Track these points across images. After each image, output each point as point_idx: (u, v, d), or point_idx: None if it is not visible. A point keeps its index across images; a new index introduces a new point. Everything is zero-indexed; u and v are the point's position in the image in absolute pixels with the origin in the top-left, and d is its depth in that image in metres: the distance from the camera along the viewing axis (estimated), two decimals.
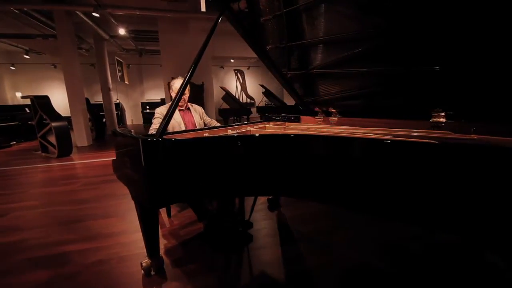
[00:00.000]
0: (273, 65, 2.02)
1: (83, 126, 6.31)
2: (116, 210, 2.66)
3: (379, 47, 1.79)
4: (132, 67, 11.39)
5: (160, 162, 1.09)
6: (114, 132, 1.47)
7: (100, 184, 3.48)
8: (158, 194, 1.13)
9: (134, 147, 1.16)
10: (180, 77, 2.35)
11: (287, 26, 2.05)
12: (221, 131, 2.07)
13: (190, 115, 2.45)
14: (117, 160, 1.53)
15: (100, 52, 8.20)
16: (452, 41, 1.39)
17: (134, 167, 1.25)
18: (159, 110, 2.29)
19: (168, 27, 6.22)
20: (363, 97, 2.09)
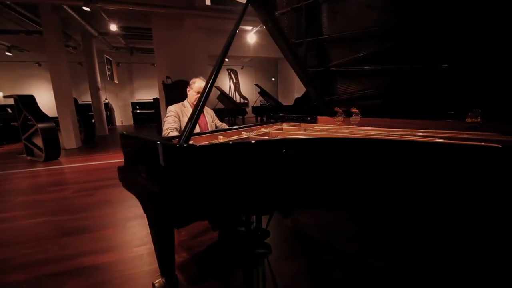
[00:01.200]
0: (297, 61, 1.87)
1: (72, 128, 5.96)
2: (114, 219, 2.43)
3: (404, 45, 1.68)
4: (122, 66, 10.98)
5: (189, 172, 0.91)
6: (123, 135, 1.27)
7: (94, 191, 3.22)
8: (185, 210, 0.95)
9: (154, 154, 0.97)
10: (200, 78, 2.25)
11: (306, 21, 1.91)
12: (235, 134, 1.89)
13: (203, 116, 2.30)
14: (126, 168, 1.32)
15: (89, 50, 7.82)
16: (485, 37, 1.29)
17: (152, 177, 1.06)
18: (173, 109, 2.13)
19: (162, 24, 5.96)
20: (384, 96, 1.98)
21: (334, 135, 1.49)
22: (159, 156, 0.95)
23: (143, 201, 1.24)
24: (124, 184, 1.46)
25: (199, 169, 0.91)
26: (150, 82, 11.73)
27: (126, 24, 6.74)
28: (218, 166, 0.91)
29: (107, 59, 8.91)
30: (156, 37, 6.07)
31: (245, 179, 0.94)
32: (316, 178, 0.99)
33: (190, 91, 2.21)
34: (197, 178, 0.91)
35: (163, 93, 6.05)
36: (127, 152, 1.28)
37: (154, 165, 1.03)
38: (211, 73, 1.15)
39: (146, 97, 11.87)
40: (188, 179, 0.92)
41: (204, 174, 0.91)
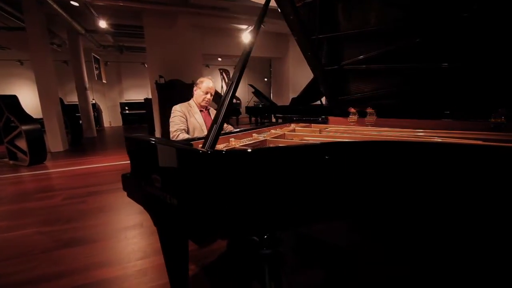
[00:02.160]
0: (316, 58, 1.76)
1: (58, 129, 5.65)
2: (110, 229, 2.25)
3: (423, 43, 1.61)
4: (110, 65, 10.59)
5: (218, 182, 0.78)
6: (131, 139, 1.12)
7: (86, 197, 3.01)
8: (211, 226, 0.81)
9: (173, 161, 0.84)
10: (208, 77, 2.13)
11: (320, 16, 1.81)
12: (245, 136, 1.77)
13: (209, 117, 2.17)
14: (134, 177, 1.18)
15: (75, 48, 7.47)
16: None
17: (170, 187, 0.93)
18: (179, 109, 2.01)
19: (154, 22, 5.75)
20: (400, 95, 1.91)
21: (363, 137, 1.38)
22: (181, 164, 0.82)
23: (156, 213, 1.10)
24: (130, 194, 1.31)
25: (230, 179, 0.78)
26: (140, 82, 11.39)
27: (116, 21, 6.46)
28: (253, 174, 0.79)
29: (94, 57, 8.55)
30: (148, 35, 5.85)
31: (282, 189, 0.82)
32: (361, 186, 0.88)
33: (197, 90, 2.08)
34: (228, 188, 0.78)
35: (156, 93, 5.83)
36: (135, 158, 1.13)
37: (173, 174, 0.90)
38: (234, 76, 1.02)
39: (136, 97, 11.52)
40: (217, 190, 0.79)
41: (237, 184, 0.79)
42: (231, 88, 0.96)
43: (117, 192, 3.17)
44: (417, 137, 1.36)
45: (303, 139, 1.60)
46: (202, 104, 2.09)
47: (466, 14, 1.32)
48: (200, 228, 0.85)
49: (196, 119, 2.04)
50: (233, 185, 0.79)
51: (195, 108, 2.07)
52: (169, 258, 1.21)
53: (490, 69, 1.46)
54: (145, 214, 2.50)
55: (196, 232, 0.89)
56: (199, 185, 0.81)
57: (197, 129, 2.03)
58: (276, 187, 0.82)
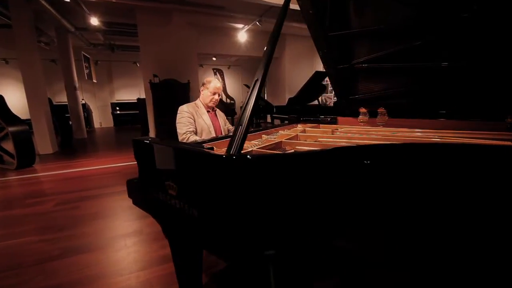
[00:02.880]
0: (332, 56, 1.69)
1: (47, 131, 5.41)
2: (106, 237, 2.12)
3: (434, 41, 1.57)
4: (101, 64, 10.29)
5: (249, 191, 0.69)
6: (140, 143, 1.02)
7: (79, 203, 2.85)
8: (238, 239, 0.73)
9: (194, 168, 0.75)
10: (215, 78, 2.01)
11: (330, 12, 1.74)
12: (255, 137, 1.69)
13: (216, 119, 2.09)
14: (142, 184, 1.07)
15: (64, 46, 7.21)
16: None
17: (189, 196, 0.83)
18: (186, 109, 1.92)
19: (148, 20, 5.58)
20: (412, 95, 1.86)
21: (386, 138, 1.31)
22: (204, 171, 0.73)
23: (168, 224, 1.00)
24: (136, 202, 1.20)
25: (263, 186, 0.70)
26: (131, 82, 11.12)
27: (108, 19, 6.25)
28: (288, 182, 0.71)
29: (84, 56, 8.27)
30: (141, 34, 5.68)
31: (318, 197, 0.74)
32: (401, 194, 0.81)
33: (204, 91, 2.00)
34: (260, 197, 0.70)
35: (150, 92, 5.67)
36: (144, 164, 1.03)
37: (193, 182, 0.80)
38: (258, 74, 0.93)
39: (128, 97, 11.25)
40: (247, 199, 0.70)
41: (269, 192, 0.70)
42: (256, 87, 0.87)
43: (113, 196, 3.02)
44: (443, 138, 1.31)
45: (317, 140, 1.53)
46: (209, 104, 2.01)
47: (480, 11, 1.28)
48: (226, 242, 0.76)
49: (204, 120, 1.96)
50: (265, 193, 0.71)
51: (202, 109, 1.99)
52: (181, 269, 1.11)
53: (505, 68, 1.43)
54: (145, 220, 2.39)
55: (219, 246, 0.80)
56: (226, 194, 0.72)
57: (205, 130, 1.95)
58: (312, 195, 0.74)
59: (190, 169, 0.82)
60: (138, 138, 1.04)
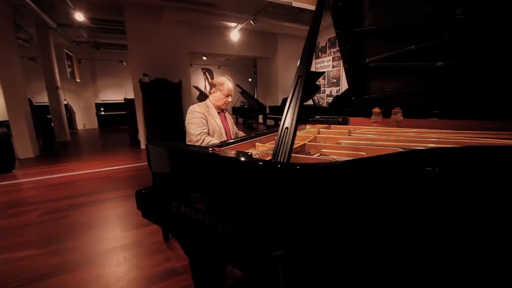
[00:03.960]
0: (353, 54, 1.60)
1: (27, 133, 5.04)
2: (101, 250, 1.93)
3: (456, 40, 1.52)
4: (84, 63, 9.82)
5: (311, 204, 0.58)
6: (157, 147, 0.88)
7: (67, 212, 2.62)
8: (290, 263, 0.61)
9: (242, 178, 0.63)
10: (227, 76, 1.94)
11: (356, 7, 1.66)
12: (269, 140, 1.58)
13: (226, 121, 1.99)
14: (158, 194, 0.93)
15: (45, 44, 6.78)
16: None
17: (223, 210, 0.71)
18: (198, 109, 1.81)
19: (136, 16, 5.33)
20: (426, 95, 1.81)
21: (413, 140, 1.22)
22: (248, 181, 0.61)
23: (193, 241, 0.86)
24: (147, 215, 1.06)
25: (321, 200, 0.58)
26: (117, 81, 10.70)
27: (93, 15, 5.93)
28: (348, 194, 0.60)
29: (67, 54, 7.84)
30: (130, 31, 5.42)
31: (381, 210, 0.63)
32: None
33: (216, 92, 1.89)
34: (317, 212, 0.59)
35: (139, 92, 5.42)
36: (162, 172, 0.89)
37: (231, 194, 0.68)
38: (300, 71, 0.81)
39: (113, 97, 10.81)
40: (303, 214, 0.59)
41: (327, 205, 0.59)
42: (300, 84, 0.76)
43: (105, 203, 2.81)
44: (473, 139, 1.24)
45: (338, 142, 1.44)
46: (222, 107, 1.93)
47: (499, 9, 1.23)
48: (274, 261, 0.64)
49: (216, 122, 1.86)
50: (323, 207, 0.59)
51: (213, 110, 1.89)
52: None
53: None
54: (144, 229, 2.21)
55: (263, 265, 0.67)
56: (281, 208, 0.60)
57: (216, 132, 1.85)
58: (373, 206, 0.63)
59: (229, 180, 0.69)
60: (155, 143, 0.90)
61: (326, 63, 6.99)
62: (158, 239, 2.02)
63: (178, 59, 5.87)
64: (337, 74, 6.71)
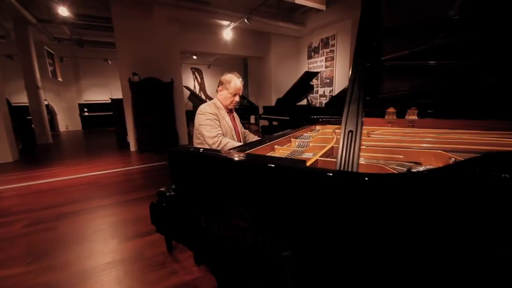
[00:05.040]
0: (378, 50, 1.52)
1: (5, 135, 4.68)
2: (97, 266, 1.76)
3: (477, 38, 1.48)
4: (66, 61, 9.33)
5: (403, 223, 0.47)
6: (182, 154, 0.75)
7: (55, 222, 2.40)
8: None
9: (302, 191, 0.52)
10: (235, 73, 1.80)
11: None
12: (285, 142, 1.47)
13: (235, 121, 1.89)
14: (186, 209, 0.80)
15: (24, 40, 6.37)
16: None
17: (289, 231, 0.59)
18: (210, 110, 1.69)
19: (125, 12, 5.08)
20: (440, 94, 1.77)
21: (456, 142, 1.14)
22: (311, 195, 0.50)
23: (230, 265, 0.74)
24: (166, 231, 0.92)
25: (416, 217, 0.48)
26: (102, 81, 10.27)
27: (77, 10, 5.60)
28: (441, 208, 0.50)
29: (48, 52, 7.41)
30: (118, 28, 5.16)
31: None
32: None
33: (223, 91, 1.77)
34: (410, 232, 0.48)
35: (129, 92, 5.16)
36: (189, 183, 0.76)
37: (285, 209, 0.56)
38: (358, 68, 0.71)
39: (98, 97, 10.37)
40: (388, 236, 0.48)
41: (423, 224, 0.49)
42: (357, 80, 0.65)
43: (97, 212, 2.61)
44: (497, 140, 1.18)
45: (361, 144, 1.35)
46: (229, 107, 1.82)
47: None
48: None
49: (227, 123, 1.77)
50: (414, 224, 0.49)
51: (223, 110, 1.79)
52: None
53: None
54: (143, 239, 2.04)
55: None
56: (360, 229, 0.49)
57: (228, 133, 1.75)
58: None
59: (280, 192, 0.58)
60: (179, 148, 0.76)
61: (319, 63, 6.98)
62: (161, 250, 1.86)
63: (169, 57, 5.66)
64: (330, 74, 6.71)
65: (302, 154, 1.18)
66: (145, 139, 5.38)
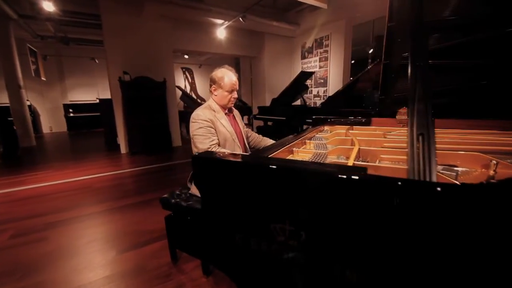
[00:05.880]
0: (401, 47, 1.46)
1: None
2: (95, 280, 1.62)
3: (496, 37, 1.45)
4: (50, 60, 8.91)
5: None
6: (214, 161, 0.64)
7: (44, 232, 2.23)
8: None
9: (383, 205, 0.43)
10: (226, 67, 1.60)
11: None
12: (300, 144, 1.39)
13: (235, 122, 1.71)
14: (216, 221, 0.69)
15: (4, 37, 6.01)
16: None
17: (358, 251, 0.50)
18: (204, 116, 1.49)
19: (114, 8, 4.87)
20: (457, 93, 1.73)
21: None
22: (398, 209, 0.41)
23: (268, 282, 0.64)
24: (189, 249, 0.81)
25: None
26: (88, 80, 9.88)
27: (62, 6, 5.33)
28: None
29: (30, 50, 7.04)
30: (107, 25, 4.93)
31: None
32: None
33: (218, 90, 1.57)
34: None
35: (119, 92, 4.95)
36: (224, 195, 0.66)
37: (354, 226, 0.48)
38: (419, 62, 0.63)
39: (84, 97, 9.97)
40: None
41: None
42: (422, 79, 0.57)
43: (89, 219, 2.44)
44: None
45: (383, 146, 1.28)
46: (228, 105, 1.64)
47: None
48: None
49: (225, 127, 1.56)
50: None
51: (220, 113, 1.59)
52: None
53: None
54: (144, 250, 1.90)
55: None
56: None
57: (228, 140, 1.55)
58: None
59: (350, 206, 0.49)
60: (208, 155, 0.66)
61: (313, 63, 6.96)
62: (164, 261, 1.74)
63: (161, 56, 5.48)
64: (324, 74, 6.71)
65: (326, 157, 1.10)
66: (136, 141, 5.17)
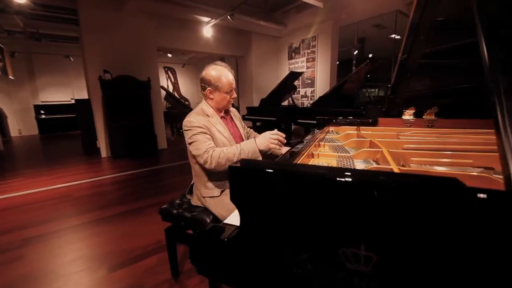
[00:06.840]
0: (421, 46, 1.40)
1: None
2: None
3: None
4: (19, 57, 8.21)
5: None
6: (261, 172, 0.53)
7: (21, 249, 1.97)
8: None
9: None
10: (219, 63, 1.43)
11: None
12: (316, 147, 1.30)
13: (233, 124, 1.57)
14: (262, 244, 0.58)
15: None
16: None
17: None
18: (197, 122, 1.33)
19: (92, 3, 4.55)
20: (461, 94, 1.73)
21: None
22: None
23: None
24: (222, 277, 0.68)
25: None
26: (62, 80, 9.25)
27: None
28: None
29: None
30: (85, 21, 4.60)
31: None
32: None
33: (214, 93, 1.40)
34: None
35: (99, 91, 4.63)
36: (268, 212, 0.54)
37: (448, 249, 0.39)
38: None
39: (57, 98, 9.33)
40: None
41: None
42: (507, 70, 0.49)
43: (73, 233, 2.21)
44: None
45: (404, 148, 1.23)
46: (227, 106, 1.49)
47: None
48: None
49: (221, 133, 1.40)
50: None
51: (215, 118, 1.42)
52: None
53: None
54: (139, 265, 1.72)
55: None
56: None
57: (226, 145, 1.40)
58: None
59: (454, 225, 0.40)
60: (259, 164, 0.54)
61: (300, 64, 6.96)
62: (164, 277, 1.58)
63: (145, 54, 5.21)
64: (311, 75, 6.73)
65: (353, 161, 1.02)
66: (119, 144, 4.87)
